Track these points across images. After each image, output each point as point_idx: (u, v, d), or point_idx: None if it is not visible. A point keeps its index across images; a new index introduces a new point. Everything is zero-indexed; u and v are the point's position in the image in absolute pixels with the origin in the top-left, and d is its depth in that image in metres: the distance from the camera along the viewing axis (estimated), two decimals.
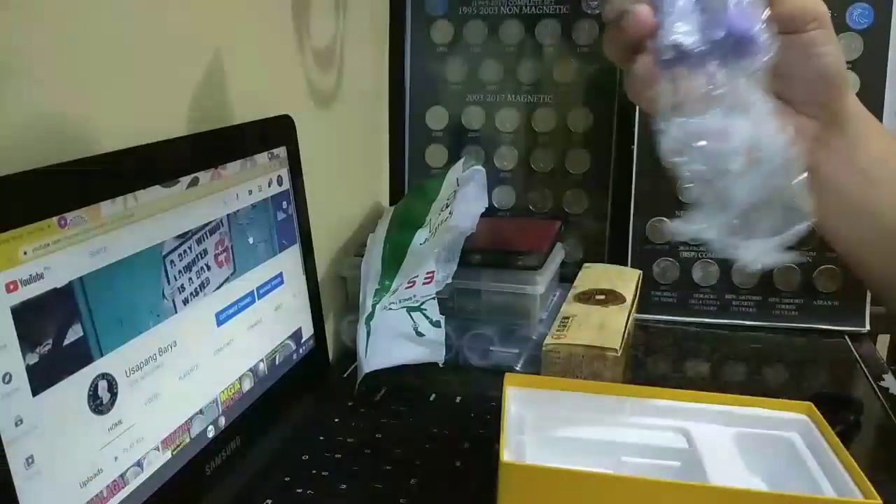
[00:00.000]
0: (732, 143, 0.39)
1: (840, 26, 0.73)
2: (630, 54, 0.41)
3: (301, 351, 0.60)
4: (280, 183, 0.56)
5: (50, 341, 0.36)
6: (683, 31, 0.39)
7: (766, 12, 0.40)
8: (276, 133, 0.57)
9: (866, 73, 0.72)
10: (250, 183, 0.53)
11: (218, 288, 0.49)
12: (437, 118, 0.85)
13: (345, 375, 0.65)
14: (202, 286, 0.47)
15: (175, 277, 0.45)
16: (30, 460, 0.34)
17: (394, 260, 0.62)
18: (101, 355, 0.39)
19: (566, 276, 0.74)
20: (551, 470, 0.39)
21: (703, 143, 0.39)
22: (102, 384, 0.39)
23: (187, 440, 0.46)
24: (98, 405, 0.39)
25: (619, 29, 0.41)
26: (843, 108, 0.48)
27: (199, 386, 0.47)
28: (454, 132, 0.85)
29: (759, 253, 0.39)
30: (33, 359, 0.35)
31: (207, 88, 0.53)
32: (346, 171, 0.77)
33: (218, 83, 0.53)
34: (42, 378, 0.35)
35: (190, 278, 0.46)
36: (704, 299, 0.77)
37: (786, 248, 0.39)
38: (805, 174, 0.40)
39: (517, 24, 0.82)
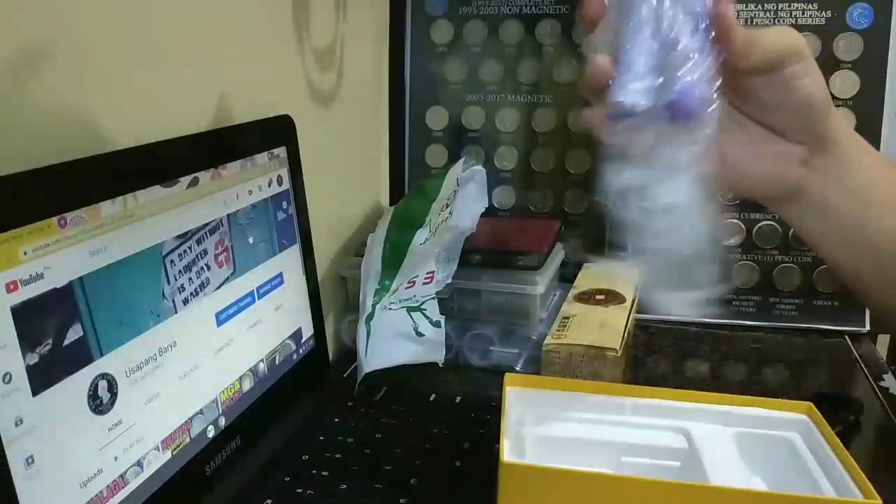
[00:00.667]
0: (660, 201, 0.40)
1: (840, 26, 0.73)
2: (593, 94, 0.42)
3: (301, 351, 0.60)
4: (280, 183, 0.56)
5: (50, 341, 0.36)
6: (633, 91, 0.39)
7: (718, 84, 0.40)
8: (276, 133, 0.57)
9: (866, 73, 0.72)
10: (250, 183, 0.53)
11: (218, 288, 0.49)
12: (437, 118, 0.85)
13: (345, 375, 0.65)
14: (202, 286, 0.47)
15: (175, 277, 0.45)
16: (30, 460, 0.34)
17: (394, 260, 0.62)
18: (101, 355, 0.39)
19: (566, 276, 0.74)
20: (551, 470, 0.39)
21: (639, 196, 0.41)
22: (102, 384, 0.39)
23: (187, 440, 0.46)
24: (98, 405, 0.39)
25: (583, 72, 0.42)
26: (827, 132, 0.48)
27: (199, 386, 0.47)
28: (454, 132, 0.85)
29: (681, 304, 0.42)
30: (33, 359, 0.35)
31: (208, 88, 0.53)
32: (346, 171, 0.77)
33: (218, 83, 0.53)
34: (42, 378, 0.35)
35: (190, 278, 0.46)
36: None
37: (706, 304, 0.41)
38: (716, 247, 0.42)
39: (517, 24, 0.82)
